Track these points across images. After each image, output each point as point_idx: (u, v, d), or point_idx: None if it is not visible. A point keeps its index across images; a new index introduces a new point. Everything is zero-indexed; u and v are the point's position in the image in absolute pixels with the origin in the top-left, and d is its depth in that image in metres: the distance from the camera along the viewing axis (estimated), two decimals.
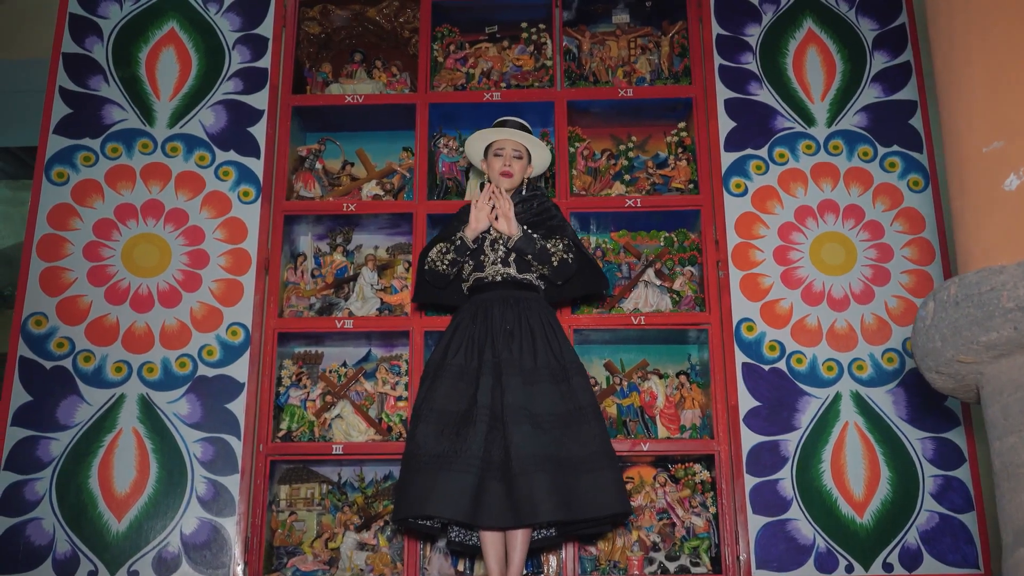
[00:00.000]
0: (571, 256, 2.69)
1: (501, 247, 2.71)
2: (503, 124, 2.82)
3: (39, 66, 4.11)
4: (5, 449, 2.92)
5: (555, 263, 2.67)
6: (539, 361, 2.56)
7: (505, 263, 2.70)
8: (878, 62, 3.37)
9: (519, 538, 2.51)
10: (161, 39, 3.38)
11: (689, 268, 3.32)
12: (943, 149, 1.55)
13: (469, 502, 2.34)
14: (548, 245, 2.67)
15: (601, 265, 3.33)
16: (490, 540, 2.54)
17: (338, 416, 3.16)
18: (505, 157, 2.77)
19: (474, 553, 2.95)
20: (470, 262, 2.73)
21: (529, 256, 2.67)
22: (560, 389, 2.54)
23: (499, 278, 2.70)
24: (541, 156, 2.86)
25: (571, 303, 3.14)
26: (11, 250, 7.35)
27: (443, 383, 2.52)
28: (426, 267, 2.72)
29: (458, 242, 2.68)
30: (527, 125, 2.84)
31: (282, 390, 3.19)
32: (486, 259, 2.72)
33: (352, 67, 3.60)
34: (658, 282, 3.28)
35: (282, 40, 3.43)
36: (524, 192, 2.80)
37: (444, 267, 2.69)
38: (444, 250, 2.68)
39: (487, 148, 2.83)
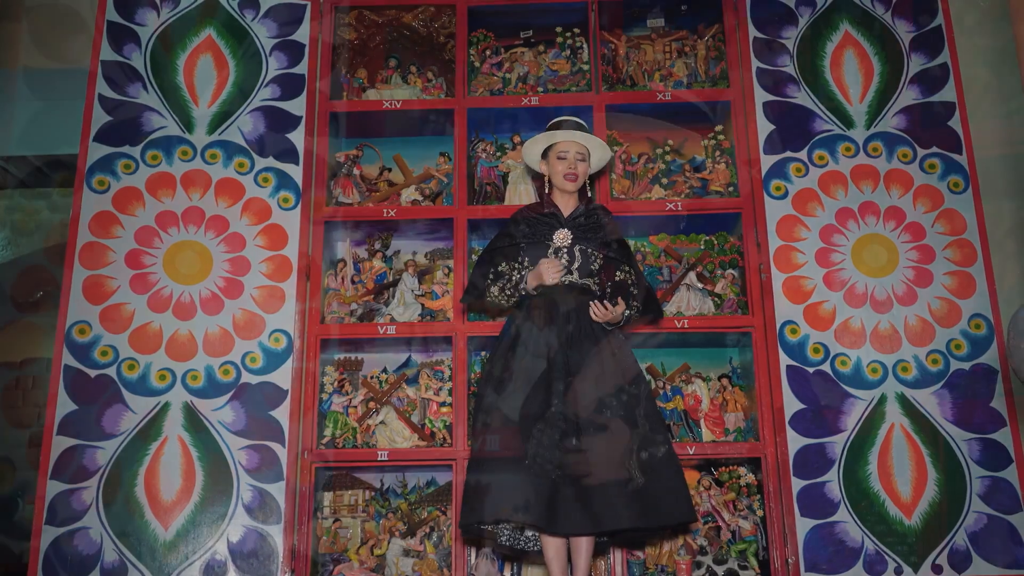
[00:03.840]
0: (636, 307, 2.80)
1: (564, 255, 2.70)
2: (559, 125, 2.76)
3: (64, 75, 4.11)
4: (52, 458, 2.90)
5: (631, 312, 2.76)
6: (606, 368, 2.55)
7: (568, 271, 2.68)
8: (915, 64, 3.37)
9: (584, 544, 2.50)
10: (199, 46, 3.37)
11: (731, 271, 3.31)
12: None
13: (545, 508, 2.32)
14: (633, 299, 2.78)
15: (641, 268, 3.33)
16: (554, 546, 2.53)
17: (382, 422, 3.15)
18: (569, 160, 2.73)
19: (520, 557, 2.94)
20: (531, 267, 2.71)
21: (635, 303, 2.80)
22: (622, 397, 2.52)
23: (561, 281, 2.69)
24: (602, 158, 2.83)
25: None
26: (27, 259, 7.32)
27: (512, 386, 2.50)
28: (488, 299, 2.77)
29: (522, 292, 2.71)
30: (585, 124, 2.80)
31: (324, 397, 3.17)
32: None
33: (387, 72, 3.59)
34: (700, 285, 3.28)
35: (318, 46, 3.43)
36: (589, 195, 2.77)
37: (505, 302, 2.75)
38: (510, 293, 2.71)
39: (547, 149, 2.79)
